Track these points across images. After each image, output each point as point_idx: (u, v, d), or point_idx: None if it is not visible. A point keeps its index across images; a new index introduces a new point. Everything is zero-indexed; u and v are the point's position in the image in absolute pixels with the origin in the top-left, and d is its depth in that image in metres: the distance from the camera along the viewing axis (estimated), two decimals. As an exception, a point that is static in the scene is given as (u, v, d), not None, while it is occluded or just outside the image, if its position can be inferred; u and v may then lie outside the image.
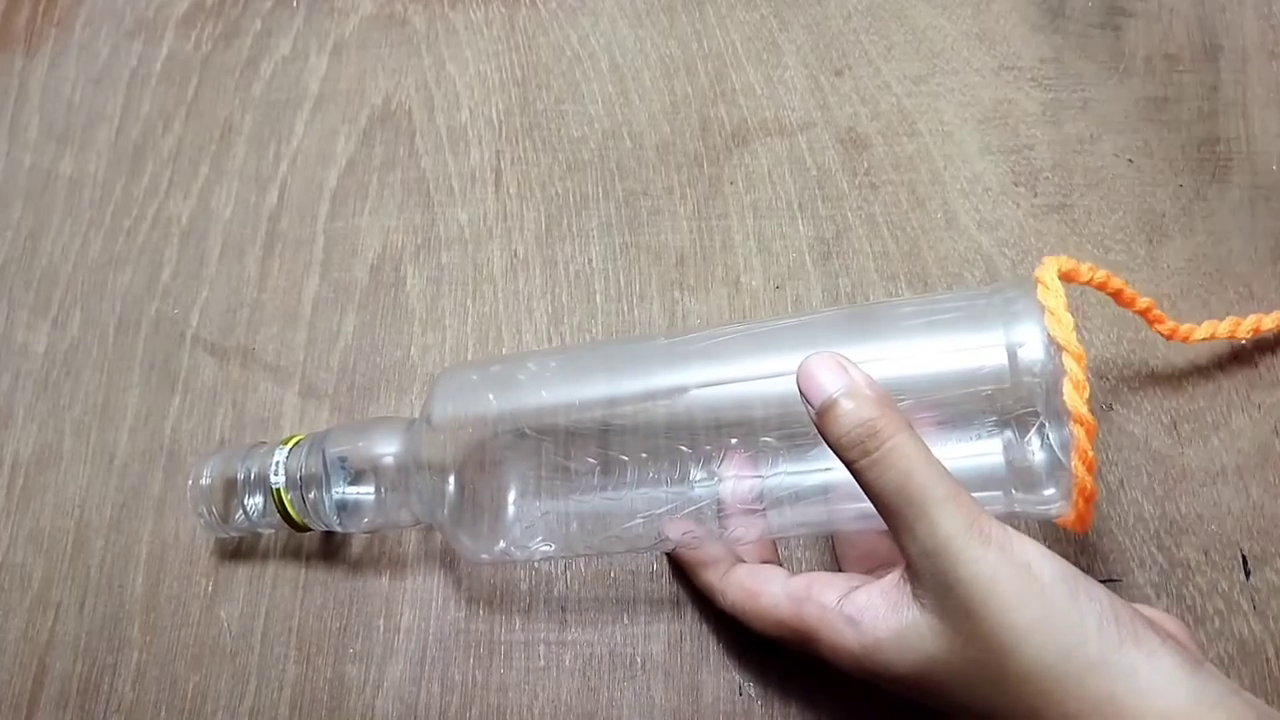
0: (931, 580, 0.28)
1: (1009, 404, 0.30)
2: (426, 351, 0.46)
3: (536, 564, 0.40)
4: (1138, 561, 0.38)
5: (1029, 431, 0.30)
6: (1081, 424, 0.29)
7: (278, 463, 0.38)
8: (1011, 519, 0.32)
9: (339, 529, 0.38)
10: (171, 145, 0.53)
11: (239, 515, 0.39)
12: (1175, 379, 0.41)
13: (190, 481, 0.40)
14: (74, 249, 0.50)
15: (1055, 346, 0.30)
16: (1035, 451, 0.30)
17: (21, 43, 0.57)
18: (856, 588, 0.31)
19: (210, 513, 0.39)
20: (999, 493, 0.32)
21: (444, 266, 0.47)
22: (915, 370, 0.32)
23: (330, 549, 0.42)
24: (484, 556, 0.36)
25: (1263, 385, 0.40)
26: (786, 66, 0.50)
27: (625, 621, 0.39)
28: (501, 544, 0.35)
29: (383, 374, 0.45)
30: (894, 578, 0.31)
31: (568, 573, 0.40)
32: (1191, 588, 0.37)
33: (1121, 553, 0.38)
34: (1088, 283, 0.34)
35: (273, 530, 0.40)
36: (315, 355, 0.46)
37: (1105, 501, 0.39)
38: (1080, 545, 0.38)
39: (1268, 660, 0.36)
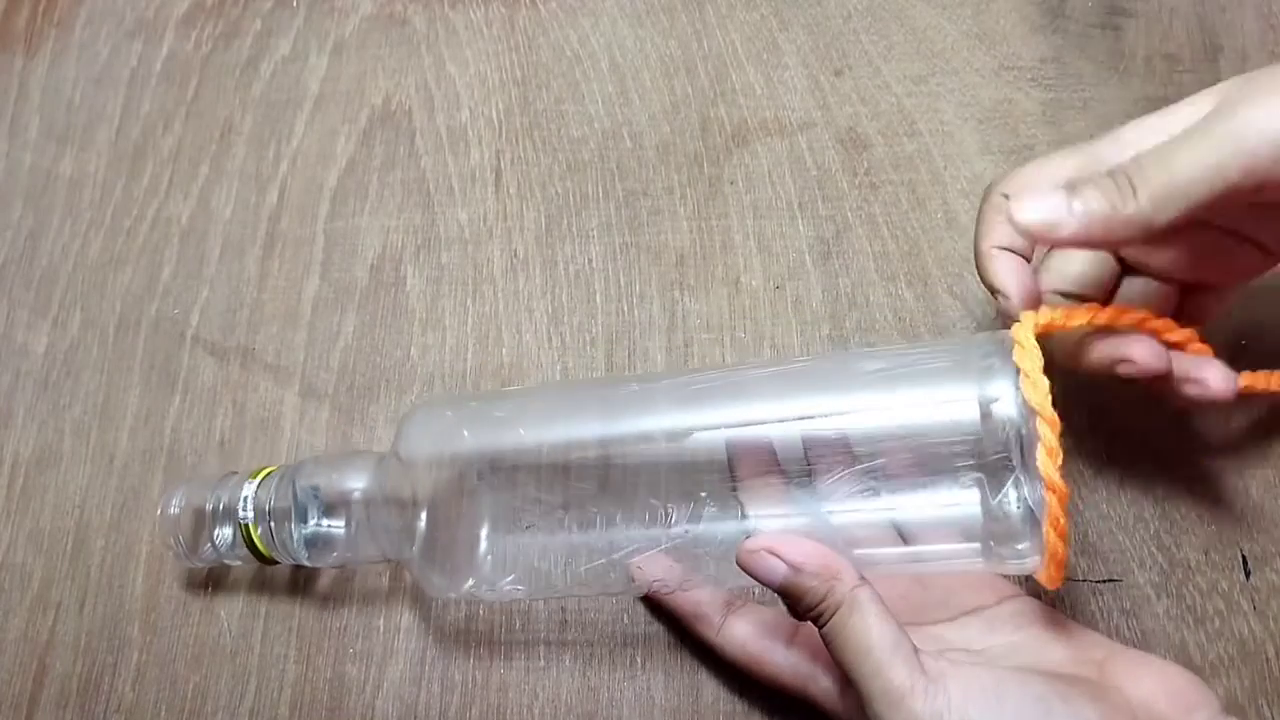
0: None
1: (986, 457, 0.30)
2: (426, 351, 0.46)
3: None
4: (1138, 561, 0.38)
5: (1005, 485, 0.30)
6: (1054, 491, 0.29)
7: (246, 496, 0.38)
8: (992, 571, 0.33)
9: (306, 564, 0.38)
10: (171, 145, 0.53)
11: (207, 547, 0.39)
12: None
13: (159, 510, 0.39)
14: (74, 249, 0.50)
15: (1029, 410, 0.30)
16: (1011, 505, 0.30)
17: (21, 43, 0.57)
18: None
19: (179, 542, 0.39)
20: (977, 544, 0.31)
21: (444, 266, 0.47)
22: (890, 422, 0.32)
23: (330, 549, 0.42)
24: (451, 595, 0.36)
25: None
26: (786, 66, 0.50)
27: (625, 621, 0.39)
28: (470, 582, 0.35)
29: (383, 374, 0.45)
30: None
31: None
32: (1191, 588, 0.37)
33: (1121, 553, 0.38)
34: (1063, 327, 0.32)
35: (241, 563, 0.40)
36: (315, 355, 0.46)
37: (1105, 501, 0.39)
38: (1080, 546, 0.38)
39: (1268, 660, 0.36)
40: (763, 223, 0.46)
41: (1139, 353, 0.32)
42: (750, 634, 0.35)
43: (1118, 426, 0.40)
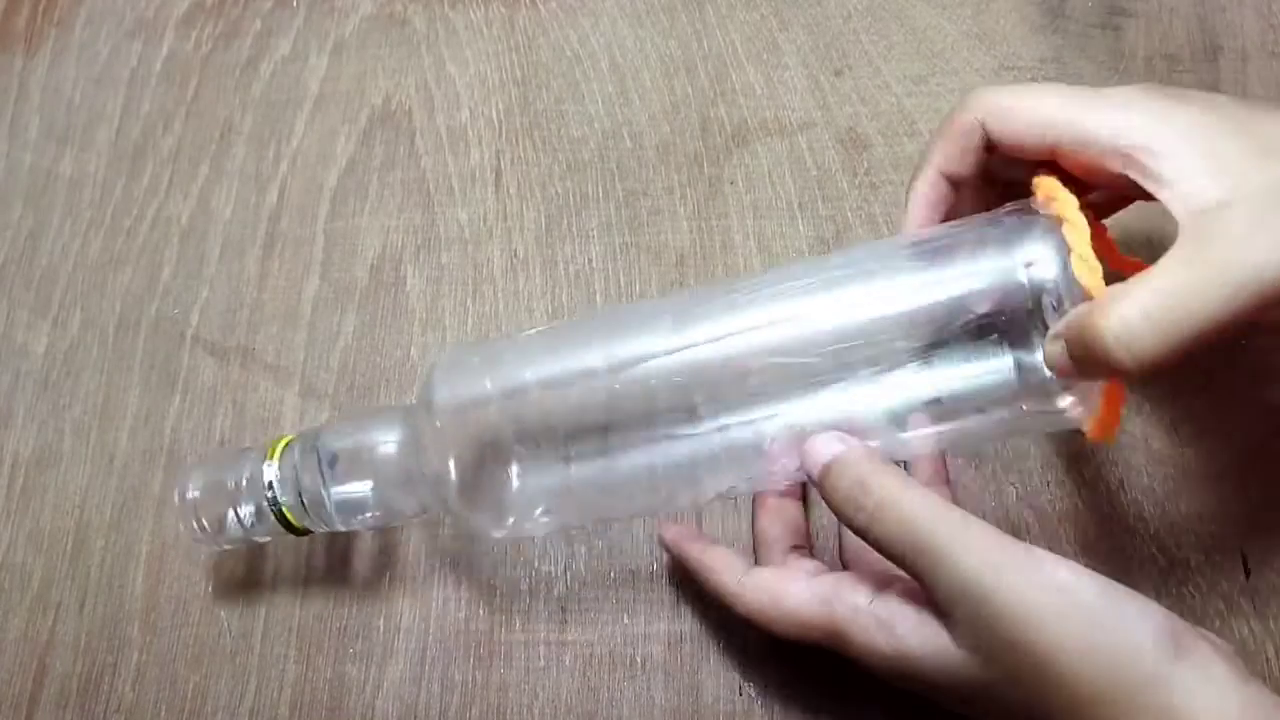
0: (964, 620, 0.28)
1: (1019, 310, 0.30)
2: (426, 351, 0.46)
3: (536, 565, 0.40)
4: (1138, 561, 0.38)
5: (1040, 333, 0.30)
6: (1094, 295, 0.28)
7: (269, 466, 0.37)
8: (1024, 435, 0.32)
9: (340, 528, 0.37)
10: (171, 145, 0.53)
11: (233, 526, 0.37)
12: (1175, 379, 0.41)
13: (177, 497, 0.38)
14: (74, 249, 0.50)
15: (1061, 239, 0.29)
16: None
17: (21, 43, 0.57)
18: (888, 589, 0.31)
19: (202, 527, 0.37)
20: (1007, 412, 0.31)
21: (444, 266, 0.47)
22: (926, 299, 0.32)
23: (331, 547, 0.42)
24: (497, 534, 0.35)
25: (1263, 385, 0.40)
26: (786, 66, 0.50)
27: (625, 621, 0.39)
28: (512, 519, 0.35)
29: (383, 374, 0.45)
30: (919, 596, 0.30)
31: (568, 573, 0.40)
32: (1191, 588, 0.37)
33: (1121, 553, 0.38)
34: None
35: (269, 538, 0.38)
36: (315, 355, 0.46)
37: (1105, 501, 0.39)
38: (1080, 546, 0.38)
39: (1268, 660, 0.36)
40: (763, 223, 0.46)
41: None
42: (772, 574, 0.34)
43: (1118, 427, 0.40)
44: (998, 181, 0.35)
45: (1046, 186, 0.31)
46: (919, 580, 0.29)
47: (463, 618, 0.40)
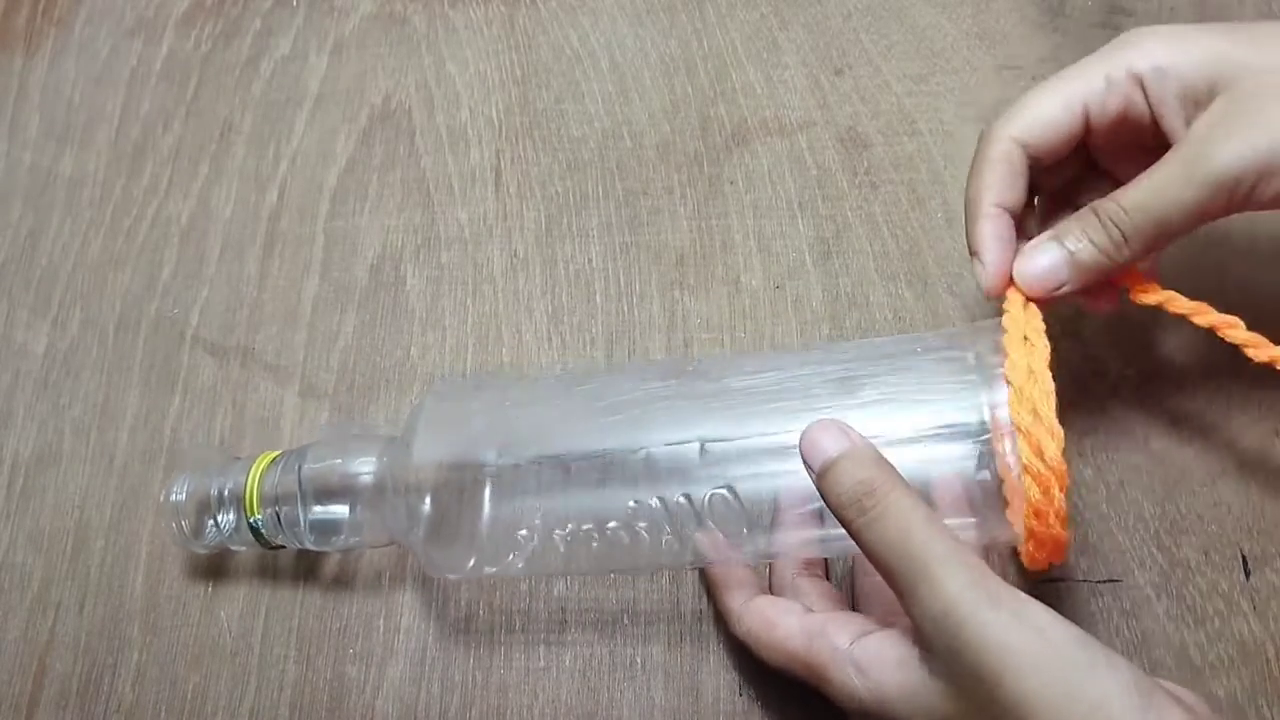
0: (940, 645, 0.28)
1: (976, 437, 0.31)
2: (426, 351, 0.46)
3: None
4: (1138, 561, 0.38)
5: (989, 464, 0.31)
6: (1029, 472, 0.30)
7: (251, 482, 0.38)
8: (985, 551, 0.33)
9: (311, 548, 0.38)
10: (171, 145, 0.53)
11: (210, 531, 0.39)
12: (1176, 378, 0.41)
13: (163, 496, 0.39)
14: (74, 249, 0.50)
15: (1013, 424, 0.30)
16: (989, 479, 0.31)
17: (21, 42, 0.57)
18: (869, 633, 0.31)
19: (181, 527, 0.39)
20: (974, 519, 0.32)
21: (444, 266, 0.47)
22: (895, 414, 0.33)
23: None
24: (453, 576, 0.37)
25: (1263, 385, 0.40)
26: (786, 66, 0.50)
27: (625, 621, 0.39)
28: (473, 561, 0.35)
29: (383, 374, 0.45)
30: (904, 629, 0.30)
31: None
32: (1191, 588, 0.37)
33: (1121, 553, 0.38)
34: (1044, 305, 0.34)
35: (244, 548, 0.40)
36: (315, 355, 0.46)
37: (1105, 501, 0.39)
38: (1080, 546, 0.38)
39: (1268, 660, 0.36)
40: (763, 222, 0.46)
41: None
42: (769, 601, 0.34)
43: (1118, 426, 0.40)
44: (1043, 191, 0.37)
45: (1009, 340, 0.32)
46: (902, 596, 0.29)
47: (463, 618, 0.40)
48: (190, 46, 0.55)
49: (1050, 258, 0.33)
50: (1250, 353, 0.33)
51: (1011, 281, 0.34)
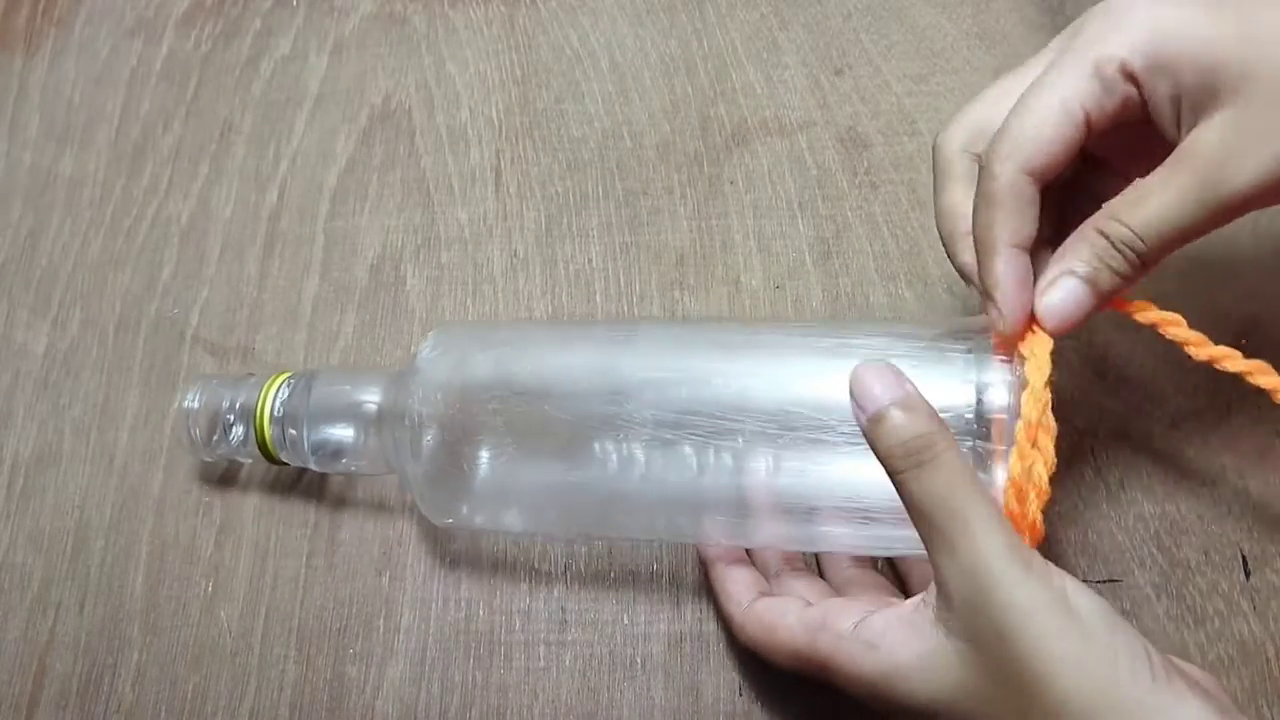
0: (965, 602, 0.28)
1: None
2: (426, 351, 0.46)
3: (536, 565, 0.40)
4: (1138, 561, 0.38)
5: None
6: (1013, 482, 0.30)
7: (262, 396, 0.39)
8: None
9: (314, 468, 0.39)
10: (171, 145, 0.53)
11: (219, 441, 0.40)
12: (1176, 378, 0.41)
13: (177, 402, 0.41)
14: (74, 249, 0.50)
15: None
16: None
17: (21, 42, 0.57)
18: (873, 613, 0.31)
19: (192, 435, 0.40)
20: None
21: (444, 266, 0.47)
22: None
23: (332, 547, 0.42)
24: (448, 520, 0.37)
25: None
26: (786, 66, 0.50)
27: (625, 622, 0.39)
28: (466, 508, 0.36)
29: (383, 374, 0.45)
30: (914, 602, 0.30)
31: (568, 573, 0.40)
32: (1191, 588, 0.37)
33: (1121, 553, 0.38)
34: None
35: (250, 460, 0.41)
36: (315, 355, 0.46)
37: (1105, 501, 0.39)
38: (1080, 546, 0.38)
39: (1268, 660, 0.36)
40: (763, 222, 0.46)
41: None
42: (766, 604, 0.34)
43: (1118, 427, 0.40)
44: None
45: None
46: (935, 549, 0.29)
47: (463, 618, 0.40)
48: (190, 46, 0.55)
49: (1073, 294, 0.31)
50: (1191, 351, 0.32)
51: (1032, 318, 0.32)
